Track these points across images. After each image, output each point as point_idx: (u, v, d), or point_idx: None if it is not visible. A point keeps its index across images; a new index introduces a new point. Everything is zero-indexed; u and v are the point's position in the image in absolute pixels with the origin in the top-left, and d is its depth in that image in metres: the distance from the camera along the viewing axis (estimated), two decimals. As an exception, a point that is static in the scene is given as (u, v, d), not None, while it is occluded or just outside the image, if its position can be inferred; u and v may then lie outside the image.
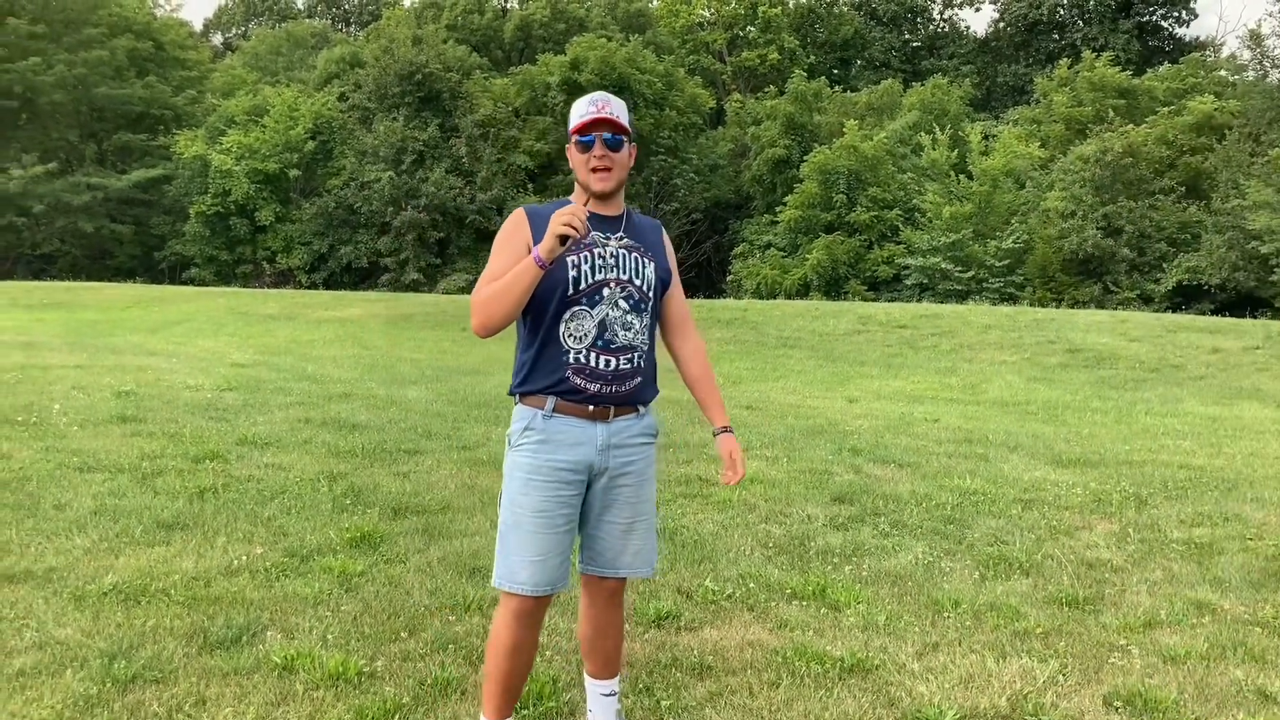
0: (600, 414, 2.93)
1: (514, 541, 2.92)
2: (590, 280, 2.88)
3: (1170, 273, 28.17)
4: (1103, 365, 15.75)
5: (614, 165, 2.91)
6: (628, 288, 2.93)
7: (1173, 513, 6.34)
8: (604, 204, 2.97)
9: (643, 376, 2.97)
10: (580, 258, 2.88)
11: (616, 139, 2.90)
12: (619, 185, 2.94)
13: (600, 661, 3.17)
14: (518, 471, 2.93)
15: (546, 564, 2.90)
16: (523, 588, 2.90)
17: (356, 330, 19.90)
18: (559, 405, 2.91)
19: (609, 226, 2.96)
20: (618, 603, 3.13)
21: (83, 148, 42.43)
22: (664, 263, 3.05)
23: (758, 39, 49.40)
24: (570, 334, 2.88)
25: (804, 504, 6.31)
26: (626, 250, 2.95)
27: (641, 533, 3.04)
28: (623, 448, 2.97)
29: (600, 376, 2.89)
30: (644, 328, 2.96)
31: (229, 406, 9.03)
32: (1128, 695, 3.61)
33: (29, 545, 4.86)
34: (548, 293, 2.86)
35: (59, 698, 3.35)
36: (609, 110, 2.89)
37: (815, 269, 32.39)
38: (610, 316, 2.89)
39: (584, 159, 2.91)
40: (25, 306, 22.77)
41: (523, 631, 2.96)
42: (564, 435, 2.90)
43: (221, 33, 68.77)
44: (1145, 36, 49.78)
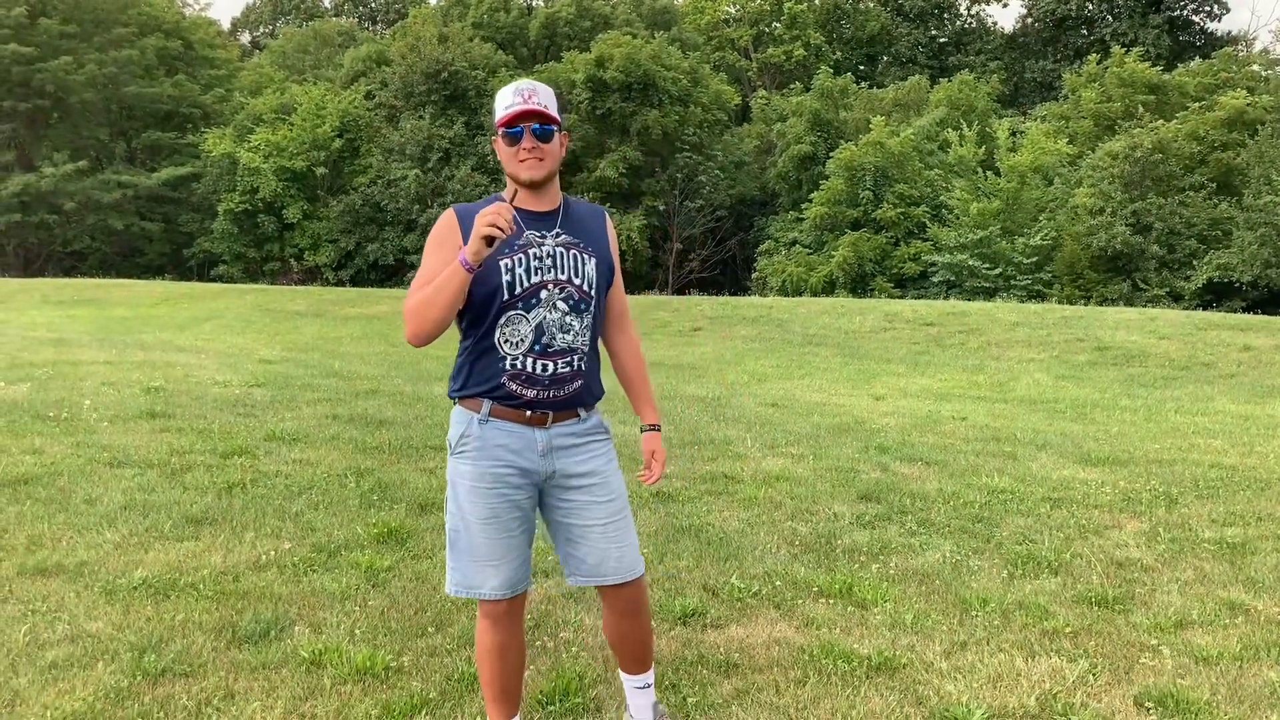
0: (538, 420, 2.84)
1: (465, 548, 2.86)
2: (526, 283, 2.78)
3: (1201, 270, 27.88)
4: (1132, 363, 15.61)
5: (545, 155, 2.79)
6: (567, 288, 2.81)
7: (1204, 512, 6.27)
8: (537, 198, 2.85)
9: (583, 380, 2.87)
10: (515, 260, 2.77)
11: (546, 129, 2.79)
12: (550, 175, 2.83)
13: (629, 658, 3.13)
14: (462, 480, 2.86)
15: (505, 566, 2.85)
16: (487, 593, 2.86)
17: (383, 327, 19.98)
18: (495, 410, 2.83)
19: (544, 223, 2.85)
20: (636, 609, 3.04)
21: (113, 146, 42.86)
22: (606, 256, 2.93)
23: (783, 35, 49.29)
24: (506, 339, 2.78)
25: (830, 502, 6.29)
26: (565, 248, 2.84)
27: (621, 532, 2.94)
28: (568, 448, 2.88)
29: (537, 382, 2.80)
30: (584, 328, 2.85)
31: (257, 403, 9.08)
32: (1159, 696, 3.57)
33: (60, 539, 4.91)
34: (483, 299, 2.76)
35: (90, 690, 3.38)
36: (535, 100, 2.77)
37: (841, 266, 32.25)
38: (548, 319, 2.79)
39: (512, 152, 2.79)
40: (56, 303, 23.02)
41: (503, 633, 2.94)
42: (502, 441, 2.82)
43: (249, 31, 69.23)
44: (1176, 31, 49.27)
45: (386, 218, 37.33)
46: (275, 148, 37.28)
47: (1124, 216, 28.72)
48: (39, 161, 39.18)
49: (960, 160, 33.60)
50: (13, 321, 18.13)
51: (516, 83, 2.83)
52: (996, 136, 33.55)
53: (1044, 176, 33.14)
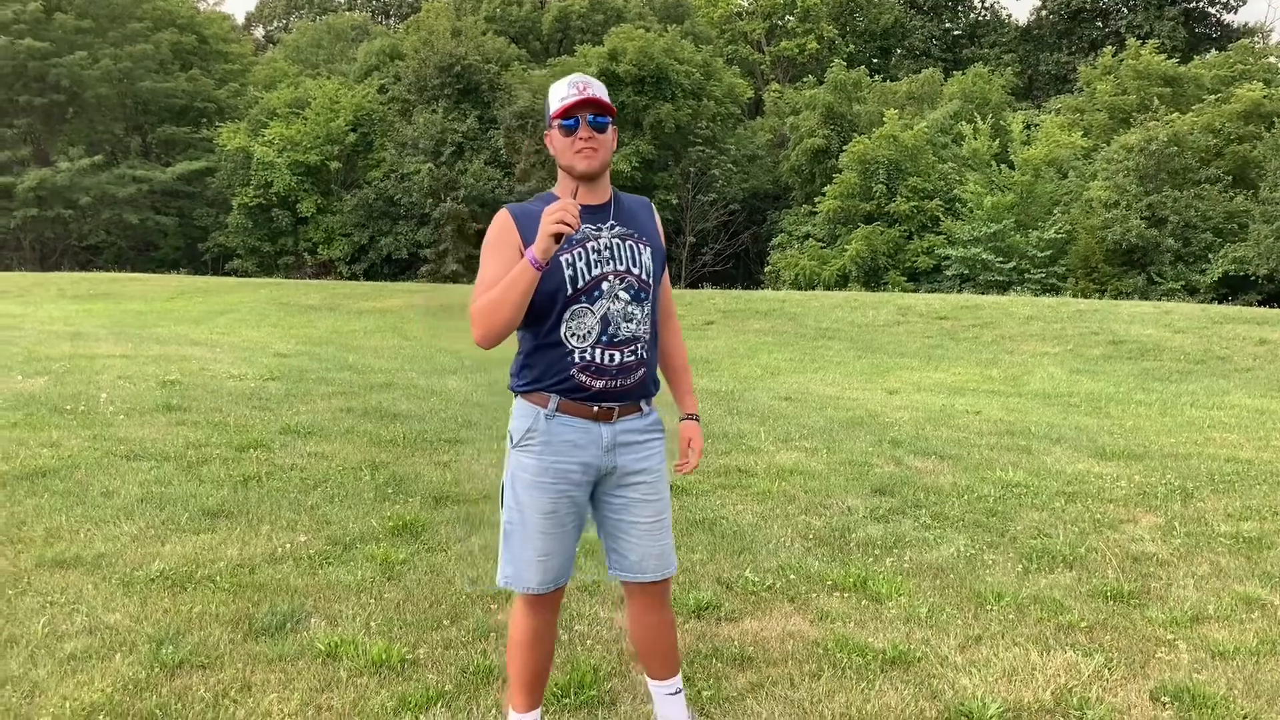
0: (604, 414, 2.85)
1: (519, 541, 2.88)
2: (588, 276, 2.80)
3: (1216, 263, 27.71)
4: (1147, 357, 15.53)
5: (600, 146, 2.80)
6: (627, 278, 2.83)
7: (1220, 506, 6.25)
8: (591, 191, 2.85)
9: (646, 369, 2.89)
10: (574, 255, 2.79)
11: (601, 120, 2.80)
12: (604, 167, 2.83)
13: (657, 663, 3.10)
14: (523, 473, 2.88)
15: (552, 562, 2.87)
16: (530, 587, 2.88)
17: (397, 321, 20.02)
18: (562, 404, 2.83)
19: (598, 216, 2.86)
20: (662, 604, 3.06)
21: (128, 140, 43.01)
22: (659, 245, 2.96)
23: (796, 28, 49.15)
24: (573, 333, 2.79)
25: (844, 496, 6.28)
26: (621, 239, 2.86)
27: (664, 532, 2.97)
28: (629, 445, 2.90)
29: (605, 372, 2.81)
30: (646, 317, 2.87)
31: (272, 396, 9.12)
32: (1175, 690, 3.57)
33: (78, 531, 4.94)
34: (546, 296, 2.77)
35: (109, 681, 3.41)
36: (590, 91, 2.78)
37: (854, 260, 32.16)
38: (612, 310, 2.80)
39: (568, 142, 2.80)
40: (72, 297, 23.12)
41: (539, 623, 2.95)
42: (568, 437, 2.84)
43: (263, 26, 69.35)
44: (1192, 23, 48.97)
45: (400, 212, 37.37)
46: (289, 142, 37.35)
47: (1139, 210, 28.57)
48: (55, 156, 39.34)
49: (974, 153, 33.45)
50: (30, 315, 18.23)
51: (570, 76, 2.84)
52: (1010, 129, 33.40)
53: (1058, 170, 32.97)
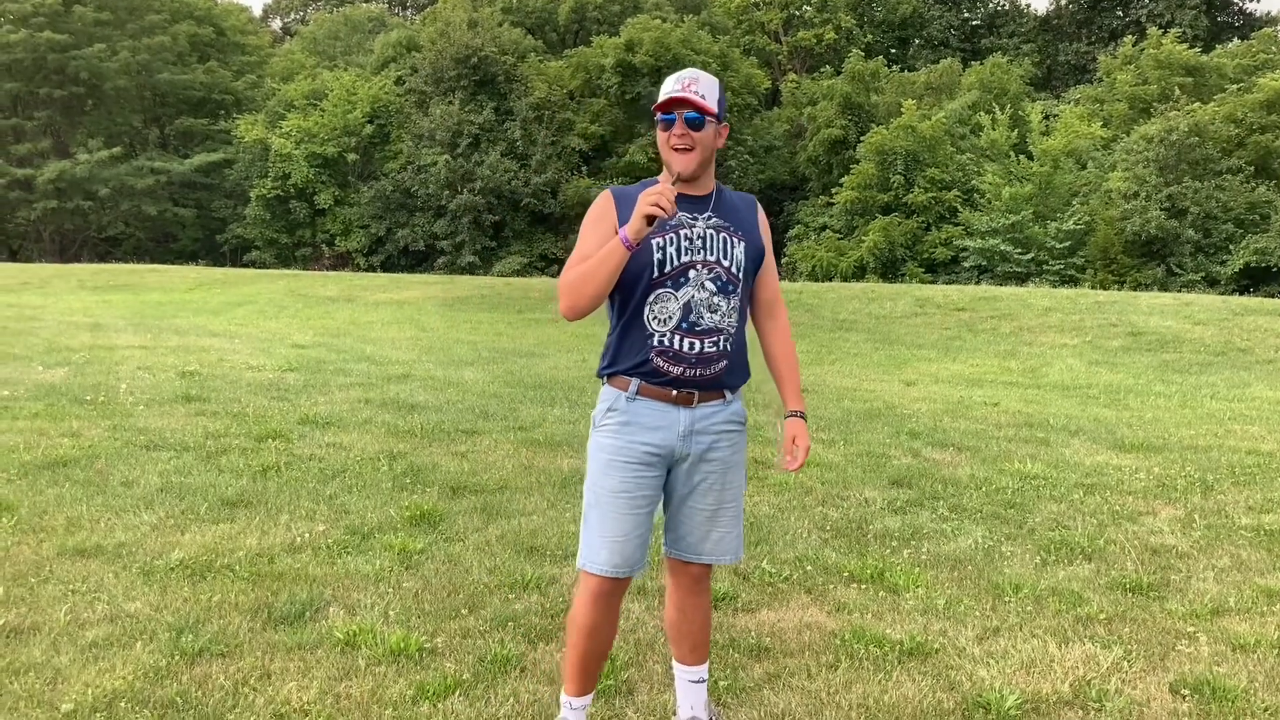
0: (684, 399, 2.86)
1: (595, 521, 2.89)
2: (676, 262, 2.82)
3: (1237, 254, 27.50)
4: (1166, 349, 15.43)
5: (696, 145, 2.80)
6: (715, 269, 2.84)
7: (1240, 499, 6.20)
8: (692, 183, 2.87)
9: (729, 361, 2.88)
10: (666, 239, 2.81)
11: (698, 118, 2.79)
12: (701, 165, 2.83)
13: (686, 646, 3.10)
14: (600, 453, 2.90)
15: (625, 545, 2.86)
16: (601, 569, 2.87)
17: (414, 312, 20.07)
18: (642, 388, 2.85)
19: (697, 206, 2.88)
20: (702, 588, 3.07)
21: (146, 132, 43.26)
22: (756, 241, 2.95)
23: (814, 18, 48.90)
24: (655, 316, 2.81)
25: (861, 487, 6.27)
26: (715, 230, 2.87)
27: (727, 521, 2.97)
28: (706, 434, 2.90)
29: (684, 359, 2.82)
30: (731, 309, 2.86)
31: (290, 387, 9.15)
32: (1195, 683, 3.55)
33: (99, 521, 4.97)
34: (634, 276, 2.80)
35: (130, 669, 3.43)
36: (694, 89, 2.79)
37: (872, 251, 32.07)
38: (696, 298, 2.81)
39: (665, 137, 2.82)
40: (92, 288, 23.26)
41: (600, 613, 2.94)
42: (646, 418, 2.85)
43: (280, 18, 69.54)
44: (1214, 12, 48.50)
45: (416, 203, 37.45)
46: (307, 134, 37.49)
47: (1159, 201, 28.37)
48: (74, 148, 39.62)
49: (992, 144, 33.30)
50: (50, 307, 18.35)
51: (681, 71, 2.85)
52: (1029, 120, 33.22)
53: (1077, 160, 32.79)
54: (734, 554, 3.02)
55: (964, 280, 29.56)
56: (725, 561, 3.01)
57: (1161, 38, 35.98)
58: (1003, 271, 29.68)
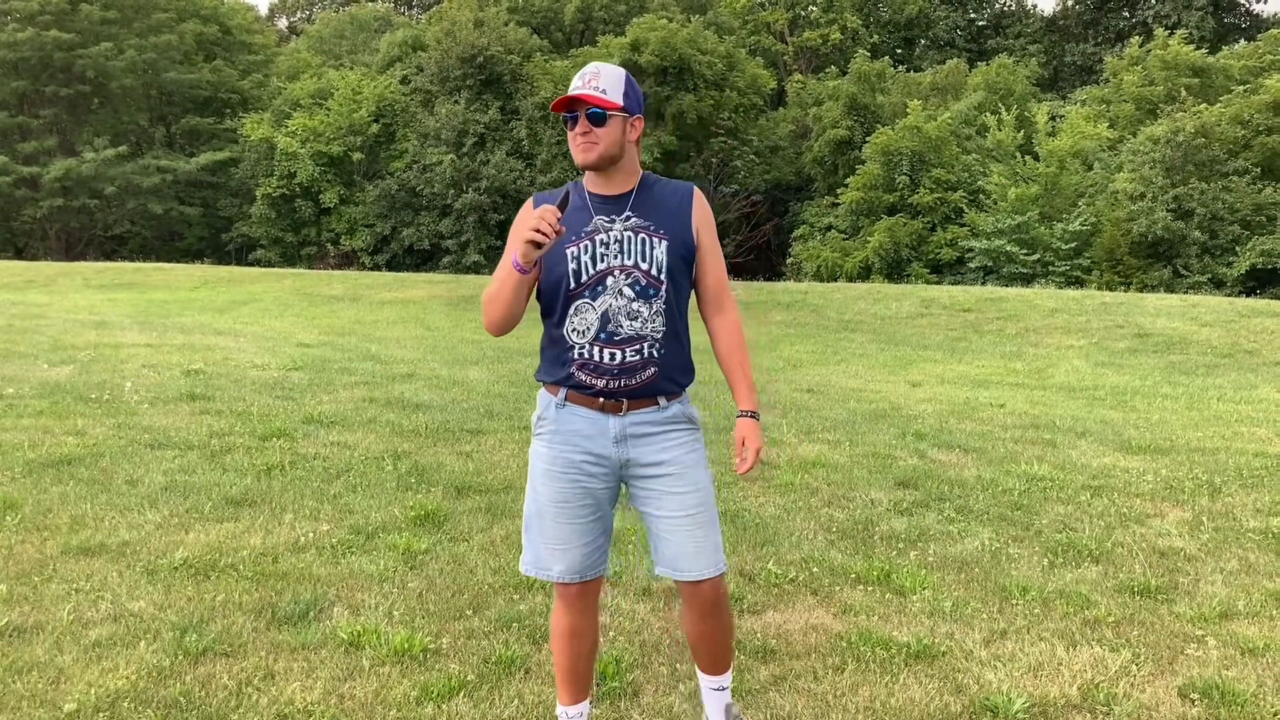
0: (612, 407, 2.78)
1: (536, 529, 2.87)
2: (591, 271, 2.74)
3: (1244, 256, 27.39)
4: (1173, 350, 15.39)
5: (599, 140, 2.72)
6: (633, 274, 2.74)
7: (1248, 501, 6.18)
8: (607, 181, 2.80)
9: (657, 367, 2.77)
10: (580, 247, 2.74)
11: (600, 113, 2.71)
12: (605, 159, 2.74)
13: (705, 658, 3.02)
14: (538, 461, 2.87)
15: (572, 551, 2.83)
16: (550, 574, 2.85)
17: (419, 311, 20.07)
18: (570, 395, 2.81)
19: (614, 207, 2.79)
20: (710, 608, 2.90)
21: (152, 131, 43.25)
22: (682, 237, 2.81)
23: (820, 18, 48.85)
24: (574, 328, 2.75)
25: (867, 488, 6.25)
26: (633, 232, 2.77)
27: (699, 526, 2.82)
28: (644, 437, 2.80)
29: (605, 371, 2.74)
30: (655, 314, 2.76)
31: (295, 386, 9.15)
32: (1204, 687, 3.52)
33: (103, 519, 4.97)
34: (552, 287, 2.76)
35: (133, 668, 3.42)
36: (595, 84, 2.71)
37: (877, 252, 32.01)
38: (614, 306, 2.73)
39: (570, 136, 2.76)
40: (97, 287, 23.28)
41: (574, 616, 2.91)
42: (576, 426, 2.80)
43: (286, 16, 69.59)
44: (1220, 13, 48.39)
45: (422, 203, 37.42)
46: (312, 133, 37.47)
47: (1165, 202, 28.28)
48: (80, 147, 39.62)
49: (998, 145, 33.21)
50: (55, 305, 18.36)
51: (586, 66, 2.80)
52: (1035, 121, 33.13)
53: (1083, 161, 32.68)
54: (716, 567, 2.85)
55: (969, 281, 29.49)
56: (709, 575, 2.84)
57: (1168, 39, 35.86)
58: (1008, 272, 29.61)
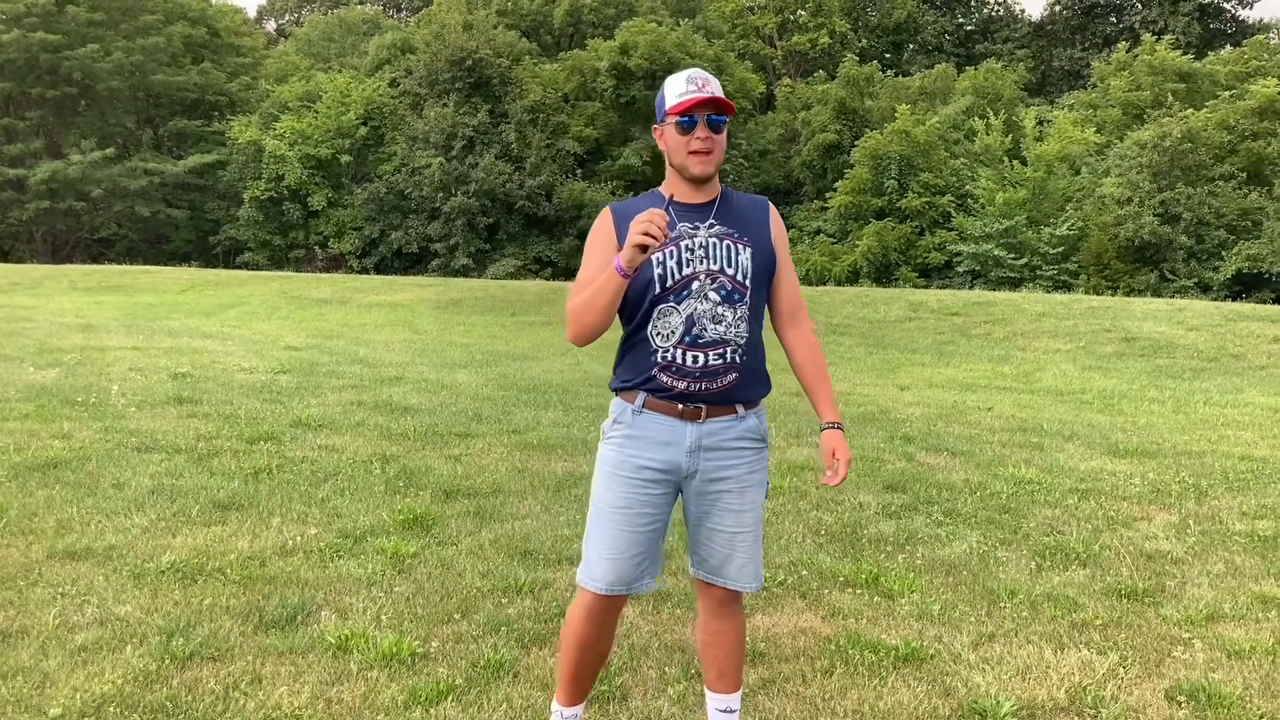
0: (691, 414, 2.76)
1: (594, 535, 2.82)
2: (678, 276, 2.71)
3: (1230, 260, 27.56)
4: (1160, 354, 15.45)
5: (715, 148, 2.72)
6: (719, 278, 2.73)
7: (1234, 504, 6.20)
8: (695, 191, 2.78)
9: (739, 373, 2.76)
10: (666, 253, 2.71)
11: (720, 120, 2.71)
12: (717, 169, 2.75)
13: (714, 672, 2.99)
14: (604, 465, 2.83)
15: (621, 562, 2.77)
16: (596, 585, 2.79)
17: (407, 315, 20.03)
18: (649, 402, 2.76)
19: (699, 214, 2.77)
20: (729, 611, 2.94)
21: (140, 133, 43.12)
22: (765, 246, 2.82)
23: (808, 23, 48.93)
24: (658, 331, 2.72)
25: (856, 492, 6.26)
26: (718, 238, 2.75)
27: (747, 545, 2.85)
28: (716, 450, 2.79)
29: (688, 374, 2.72)
30: (739, 319, 2.74)
31: (283, 389, 9.12)
32: (1191, 689, 3.54)
33: (89, 523, 4.94)
34: (637, 293, 2.72)
35: (119, 673, 3.40)
36: (710, 89, 2.69)
37: (865, 255, 32.11)
38: (699, 310, 2.71)
39: (684, 141, 2.70)
40: (84, 289, 23.18)
41: (592, 630, 2.86)
42: (652, 433, 2.76)
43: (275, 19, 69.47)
44: (1206, 19, 48.66)
45: (410, 205, 37.41)
46: (300, 135, 37.43)
47: (1152, 206, 28.44)
48: (67, 149, 39.50)
49: (986, 149, 33.36)
50: (41, 308, 18.27)
51: (687, 71, 2.76)
52: (1023, 125, 33.30)
53: (1071, 166, 32.85)
54: (756, 582, 2.89)
55: (958, 285, 29.61)
56: (750, 589, 2.88)
57: (1155, 44, 36.07)
58: (996, 276, 29.73)
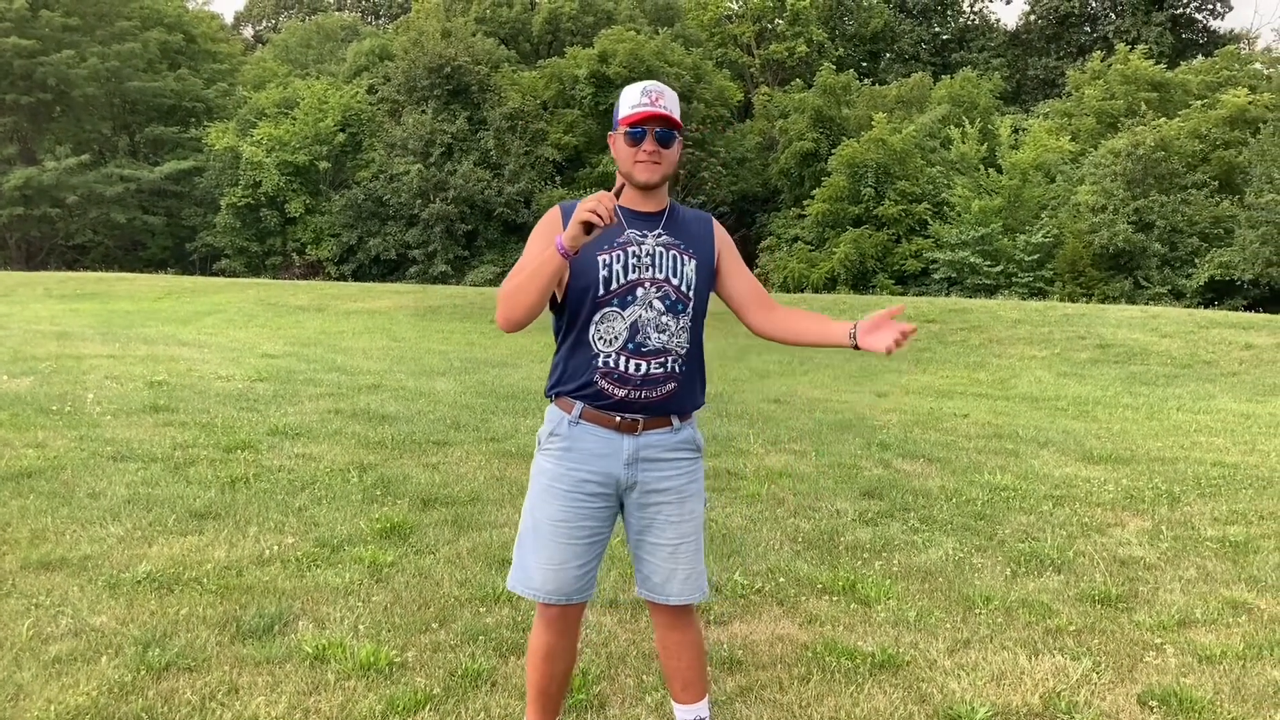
0: (628, 426, 2.77)
1: (530, 545, 2.83)
2: (623, 280, 2.73)
3: (1202, 268, 27.85)
4: (1133, 361, 15.59)
5: (663, 160, 2.75)
6: (664, 287, 2.75)
7: (1206, 510, 6.27)
8: (644, 199, 2.81)
9: (678, 383, 2.79)
10: (612, 256, 2.73)
11: (668, 134, 2.74)
12: (664, 180, 2.79)
13: (678, 685, 3.00)
14: (541, 476, 2.83)
15: (563, 573, 2.79)
16: (537, 594, 2.81)
17: (385, 322, 19.98)
18: (585, 412, 2.77)
19: (647, 223, 2.80)
20: (684, 623, 2.95)
21: (116, 140, 42.82)
22: (708, 260, 2.85)
23: (786, 31, 49.11)
24: (600, 336, 2.73)
25: (833, 499, 6.29)
26: (665, 247, 2.78)
27: (688, 556, 2.86)
28: (654, 462, 2.81)
29: (629, 381, 2.73)
30: (681, 329, 2.78)
31: (260, 397, 9.08)
32: (1162, 694, 3.58)
33: (64, 533, 4.91)
34: (579, 294, 2.73)
35: (94, 684, 3.38)
36: (662, 104, 2.73)
37: (843, 263, 32.25)
38: (643, 318, 2.72)
39: (631, 152, 2.75)
40: (59, 297, 23.00)
41: (553, 637, 2.88)
42: (589, 445, 2.77)
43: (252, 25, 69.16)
44: (1179, 29, 49.14)
45: (389, 212, 37.30)
46: (278, 142, 37.26)
47: (1126, 214, 28.69)
48: (41, 155, 39.15)
49: (962, 157, 33.58)
50: (16, 315, 18.12)
51: (644, 83, 2.78)
52: (999, 133, 33.54)
53: (1046, 174, 33.12)
54: (701, 592, 2.91)
55: (934, 292, 29.77)
56: (695, 600, 2.90)
57: (1128, 54, 36.40)
58: (972, 284, 29.93)
